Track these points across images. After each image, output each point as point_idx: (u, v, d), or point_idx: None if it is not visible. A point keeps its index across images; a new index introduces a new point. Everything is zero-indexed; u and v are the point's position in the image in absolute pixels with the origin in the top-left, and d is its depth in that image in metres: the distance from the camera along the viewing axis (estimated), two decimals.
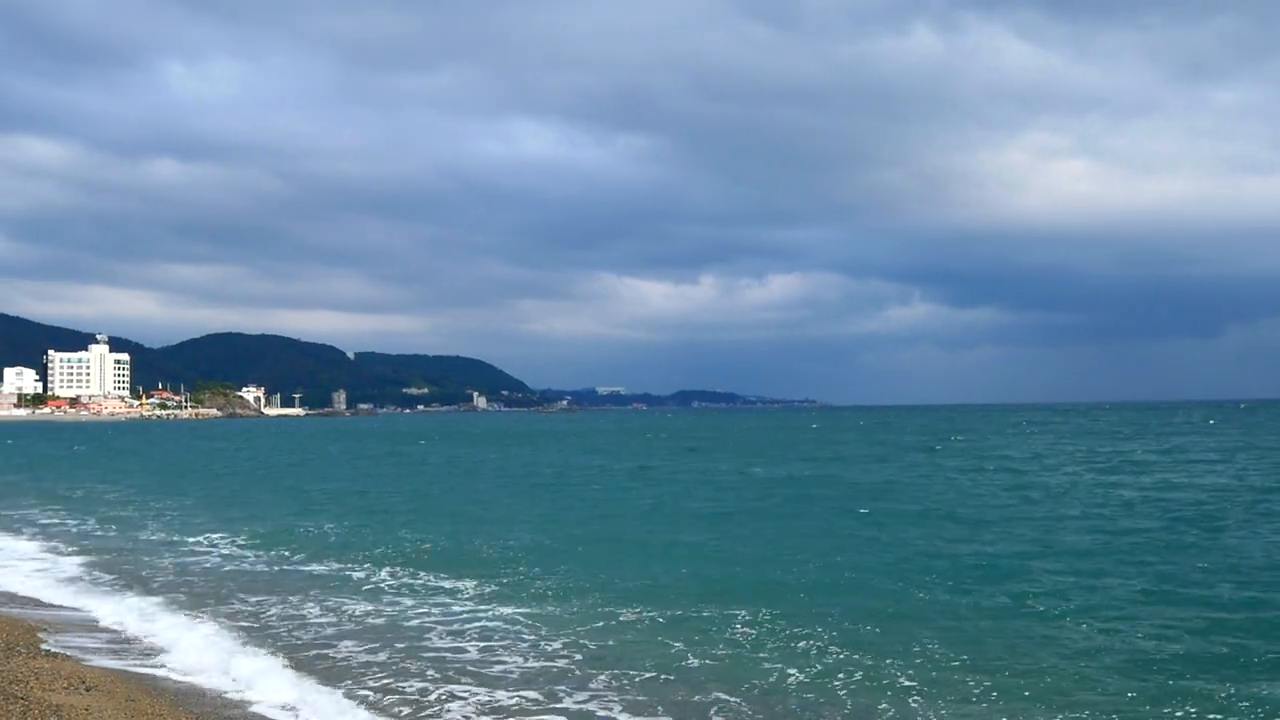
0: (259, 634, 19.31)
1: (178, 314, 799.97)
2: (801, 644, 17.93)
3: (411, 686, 15.78)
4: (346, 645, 18.29)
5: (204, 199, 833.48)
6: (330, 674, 16.55)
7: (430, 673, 16.48)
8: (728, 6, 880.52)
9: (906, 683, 15.52)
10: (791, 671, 16.14)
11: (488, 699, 15.14)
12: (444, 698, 15.23)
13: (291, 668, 16.86)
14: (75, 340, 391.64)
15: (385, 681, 16.08)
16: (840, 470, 60.54)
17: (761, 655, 17.23)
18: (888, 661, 16.61)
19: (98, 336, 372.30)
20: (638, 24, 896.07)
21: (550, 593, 22.81)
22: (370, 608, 21.46)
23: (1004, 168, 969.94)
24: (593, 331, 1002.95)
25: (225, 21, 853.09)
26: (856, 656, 17.02)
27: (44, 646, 17.91)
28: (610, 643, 18.27)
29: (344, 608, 21.47)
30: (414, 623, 20.07)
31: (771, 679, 15.89)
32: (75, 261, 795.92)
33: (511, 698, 15.21)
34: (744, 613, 20.19)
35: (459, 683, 15.92)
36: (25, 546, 31.18)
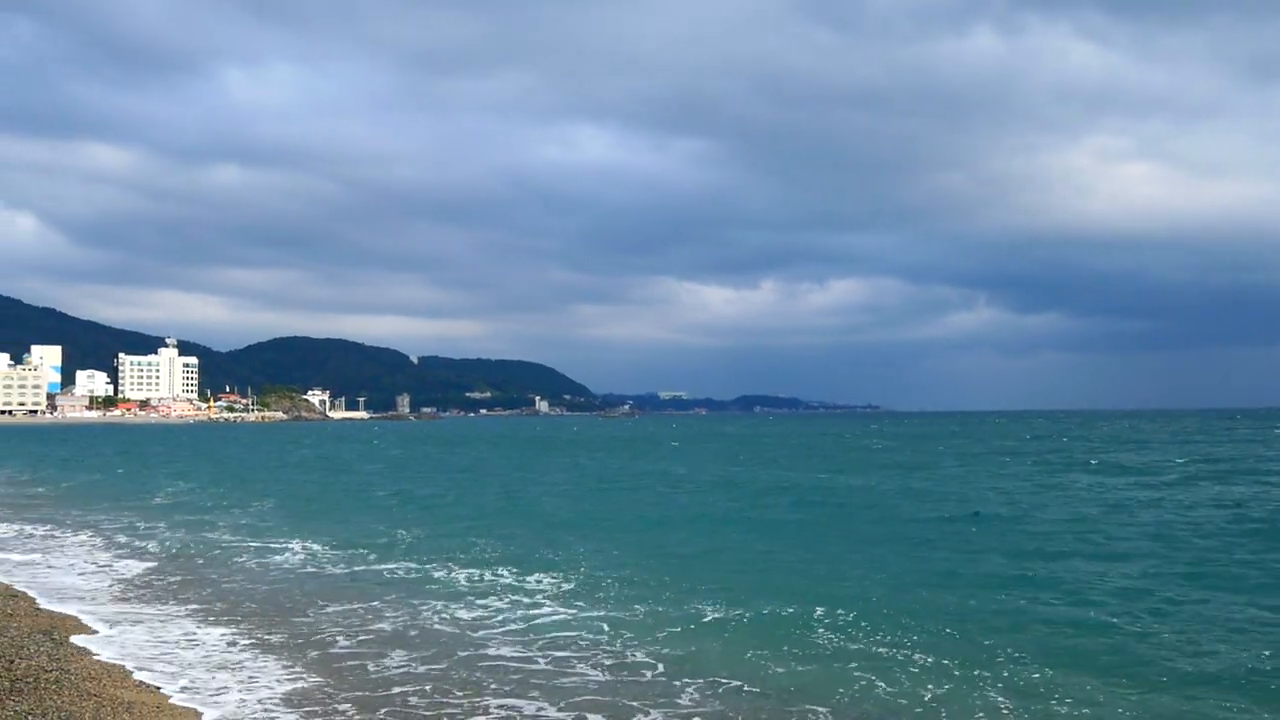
0: (299, 642, 18.85)
1: (244, 318, 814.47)
2: (884, 651, 17.44)
3: (427, 702, 14.89)
4: (399, 654, 17.64)
5: (266, 204, 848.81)
6: (357, 684, 15.82)
7: (492, 685, 15.77)
8: (788, 10, 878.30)
9: (997, 696, 14.95)
10: (880, 683, 15.63)
11: (533, 715, 14.38)
12: (463, 712, 14.48)
13: (320, 679, 16.07)
14: (145, 344, 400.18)
15: (400, 693, 15.28)
16: (908, 477, 59.65)
17: (849, 665, 16.75)
18: (975, 673, 16.06)
19: (167, 340, 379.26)
20: (697, 28, 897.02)
21: (629, 599, 22.31)
22: (439, 612, 21.13)
23: (1067, 171, 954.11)
24: (654, 336, 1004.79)
25: (284, 28, 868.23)
26: (945, 663, 16.53)
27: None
28: (693, 648, 17.92)
29: (410, 613, 21.11)
30: (481, 630, 19.57)
31: (859, 688, 15.41)
32: (142, 266, 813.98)
33: (564, 715, 14.47)
34: (826, 621, 19.74)
35: (523, 696, 15.22)
36: (98, 551, 31.37)
